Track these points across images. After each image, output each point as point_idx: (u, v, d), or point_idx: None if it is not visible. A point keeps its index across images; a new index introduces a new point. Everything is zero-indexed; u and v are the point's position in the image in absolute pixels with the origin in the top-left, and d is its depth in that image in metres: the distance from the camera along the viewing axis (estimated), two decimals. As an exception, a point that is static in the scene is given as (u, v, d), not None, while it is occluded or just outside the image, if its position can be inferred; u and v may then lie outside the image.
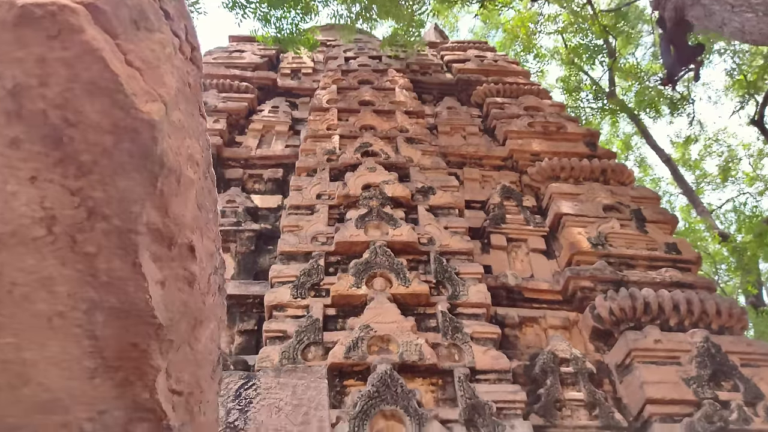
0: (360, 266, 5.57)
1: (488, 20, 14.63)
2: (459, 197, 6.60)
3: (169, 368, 1.54)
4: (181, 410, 1.65)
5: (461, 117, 8.36)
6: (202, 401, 1.74)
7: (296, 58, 9.59)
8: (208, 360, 1.68)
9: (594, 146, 7.82)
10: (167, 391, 1.57)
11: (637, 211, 6.84)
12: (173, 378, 1.57)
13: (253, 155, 7.53)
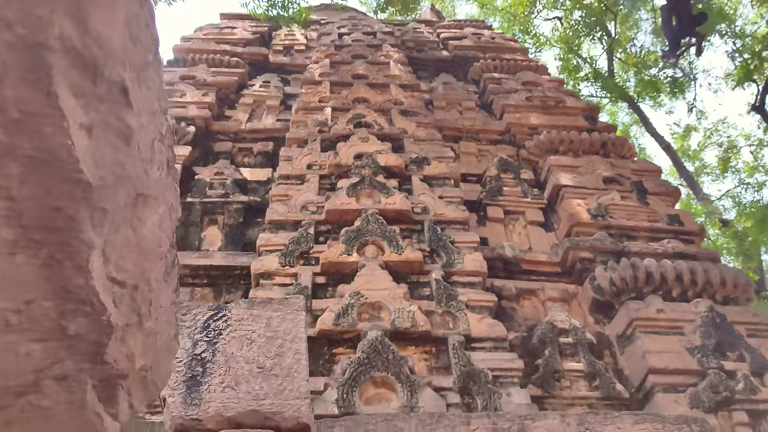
0: (351, 234, 5.36)
1: (486, 5, 14.42)
2: (454, 168, 6.40)
3: (107, 250, 1.32)
4: (125, 307, 1.44)
5: (457, 92, 8.15)
6: (152, 303, 1.53)
7: (289, 35, 9.38)
8: (157, 253, 1.47)
9: (594, 120, 7.62)
10: (106, 279, 1.36)
11: (638, 183, 6.64)
12: (113, 263, 1.35)
13: (243, 128, 7.32)
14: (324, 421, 3.37)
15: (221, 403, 2.02)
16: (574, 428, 3.28)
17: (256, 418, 2.01)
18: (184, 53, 8.47)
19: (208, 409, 2.00)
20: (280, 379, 2.08)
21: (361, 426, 3.30)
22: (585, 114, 7.63)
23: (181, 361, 2.10)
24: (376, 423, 3.32)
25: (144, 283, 1.45)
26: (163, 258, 1.51)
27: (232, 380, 2.07)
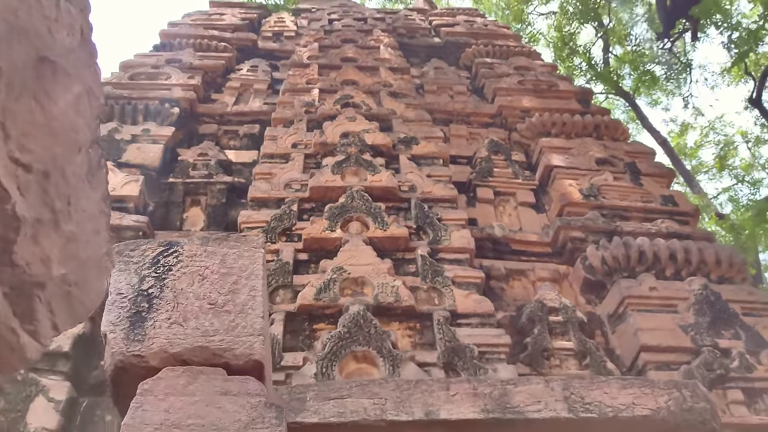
0: (335, 210, 5.21)
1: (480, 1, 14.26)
2: (444, 148, 6.25)
3: (6, 122, 1.16)
4: (34, 197, 1.28)
5: (449, 77, 8.02)
6: (71, 203, 1.37)
7: (278, 22, 9.25)
8: (72, 139, 1.32)
9: (587, 103, 7.49)
10: (7, 159, 1.20)
11: (632, 165, 6.49)
12: (14, 141, 1.19)
13: (229, 111, 7.17)
14: (295, 387, 3.21)
15: (167, 339, 1.86)
16: (558, 393, 3.12)
17: (204, 355, 1.85)
18: (171, 38, 8.34)
19: (152, 345, 1.85)
20: (233, 315, 1.93)
21: (334, 391, 3.14)
22: (578, 97, 7.49)
23: (126, 296, 1.95)
24: (350, 388, 3.16)
25: (57, 173, 1.30)
26: (83, 150, 1.36)
27: (180, 316, 1.91)
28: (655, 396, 3.12)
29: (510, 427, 3.05)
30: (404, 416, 3.01)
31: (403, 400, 3.07)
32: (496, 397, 3.10)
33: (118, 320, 1.89)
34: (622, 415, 3.04)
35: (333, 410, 3.03)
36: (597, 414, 3.04)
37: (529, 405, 3.07)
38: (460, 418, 3.02)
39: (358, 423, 3.01)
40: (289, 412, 3.02)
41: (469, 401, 3.08)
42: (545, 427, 3.06)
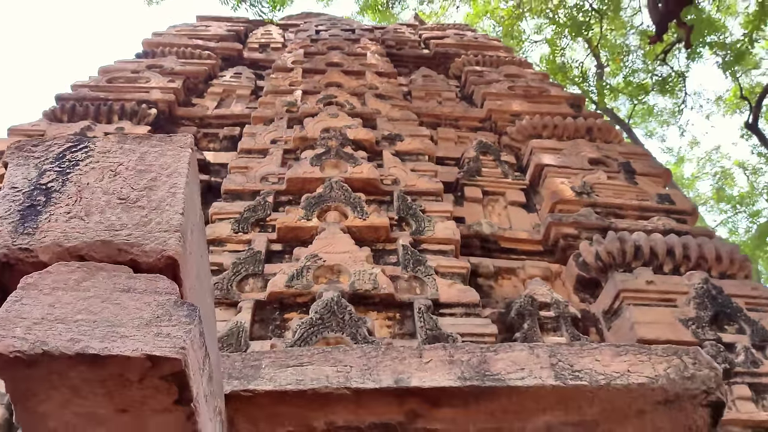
0: (312, 200, 4.92)
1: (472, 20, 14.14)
2: (429, 145, 6.00)
3: None
4: None
5: (437, 84, 7.82)
6: None
7: (265, 35, 9.11)
8: None
9: (579, 108, 7.26)
10: None
11: (626, 164, 6.23)
12: None
13: (209, 114, 6.94)
14: (250, 353, 2.88)
15: (62, 232, 1.56)
16: (544, 360, 2.79)
17: (106, 251, 1.55)
18: (154, 47, 8.17)
19: (44, 238, 1.55)
20: (146, 210, 1.62)
21: (293, 358, 2.80)
22: (570, 102, 7.28)
23: (20, 190, 1.65)
24: (312, 355, 2.83)
25: None
26: None
27: (83, 210, 1.61)
28: (652, 363, 2.79)
29: (490, 396, 2.71)
30: (371, 383, 2.68)
31: (371, 368, 2.74)
32: (474, 364, 2.77)
33: (7, 213, 1.59)
34: (615, 383, 2.71)
35: (291, 377, 2.70)
36: (587, 382, 2.70)
37: (512, 372, 2.74)
38: (434, 386, 2.68)
39: (318, 390, 2.67)
40: (240, 379, 2.69)
41: (444, 369, 2.75)
42: (529, 396, 2.72)
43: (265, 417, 2.73)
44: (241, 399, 2.65)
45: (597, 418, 2.80)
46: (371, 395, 2.67)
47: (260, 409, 2.70)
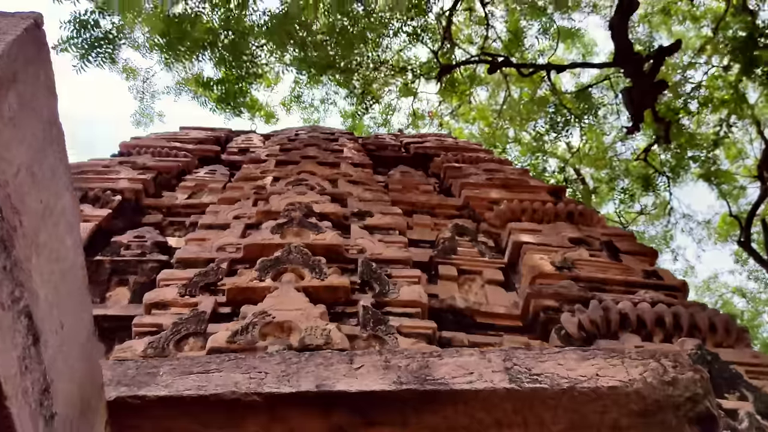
0: (267, 263, 4.57)
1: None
2: (401, 221, 5.72)
3: None
4: None
5: (415, 179, 7.66)
6: None
7: (246, 141, 9.09)
8: None
9: (559, 197, 7.04)
10: None
11: (609, 243, 5.90)
12: None
13: (177, 203, 6.72)
14: (148, 360, 2.45)
15: None
16: (497, 364, 2.36)
17: None
18: (131, 148, 8.11)
19: None
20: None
21: (199, 365, 2.37)
22: (549, 191, 7.07)
23: None
24: (221, 362, 2.40)
25: None
26: None
27: None
28: (626, 367, 2.35)
29: (432, 405, 2.26)
30: (287, 388, 2.23)
31: (290, 375, 2.31)
32: (414, 369, 2.33)
33: None
34: (581, 386, 2.26)
35: (191, 383, 2.26)
36: (548, 385, 2.26)
37: (458, 377, 2.30)
38: (363, 390, 2.23)
39: (222, 396, 2.22)
40: (131, 386, 2.25)
41: (378, 374, 2.31)
42: (479, 404, 2.26)
43: (160, 435, 2.25)
44: (128, 410, 2.20)
45: (564, 436, 2.31)
46: (288, 404, 2.22)
47: (153, 424, 2.22)
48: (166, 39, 7.39)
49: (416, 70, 10.61)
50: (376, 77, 10.06)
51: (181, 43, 7.40)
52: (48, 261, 1.60)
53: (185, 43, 7.42)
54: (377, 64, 9.70)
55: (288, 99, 12.15)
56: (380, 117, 12.94)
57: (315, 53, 8.00)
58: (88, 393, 1.92)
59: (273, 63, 10.45)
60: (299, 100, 12.10)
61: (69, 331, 1.74)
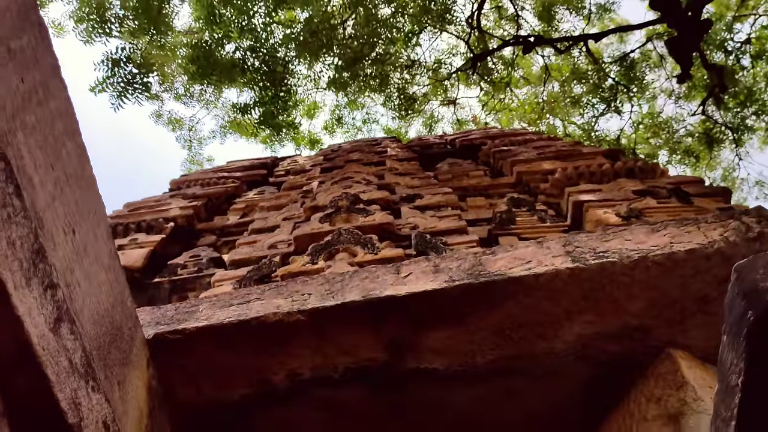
0: (318, 247, 4.44)
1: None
2: (452, 197, 5.52)
3: None
4: None
5: (464, 167, 7.46)
6: None
7: (292, 162, 9.08)
8: None
9: (616, 159, 6.73)
10: None
11: (677, 189, 5.56)
12: None
13: (230, 224, 6.68)
14: (187, 301, 2.33)
15: None
16: (557, 249, 2.14)
17: None
18: (180, 183, 8.19)
19: None
20: None
21: (239, 297, 2.23)
22: (605, 155, 6.76)
23: None
24: (263, 291, 2.25)
25: None
26: None
27: None
28: (702, 231, 2.10)
29: (488, 295, 2.05)
30: (331, 302, 2.07)
31: (334, 292, 2.14)
32: (466, 268, 2.14)
33: None
34: (654, 255, 2.02)
35: (231, 313, 2.12)
36: (616, 259, 2.03)
37: (515, 267, 2.09)
38: (412, 292, 2.05)
39: (265, 320, 2.07)
40: (169, 324, 2.12)
41: (427, 278, 2.13)
42: (543, 293, 2.05)
43: (206, 373, 2.11)
44: (170, 347, 2.07)
45: (644, 319, 2.07)
46: (334, 320, 2.05)
47: (197, 360, 2.09)
48: (197, 66, 7.51)
49: (449, 65, 10.53)
50: (410, 81, 9.99)
51: (212, 69, 7.50)
52: (43, 151, 1.49)
53: (216, 71, 7.53)
54: (408, 63, 9.64)
55: (330, 121, 12.23)
56: (424, 129, 12.84)
57: (341, 51, 8.01)
58: (119, 316, 1.80)
59: (309, 88, 10.57)
60: (341, 122, 12.16)
61: (83, 239, 1.63)
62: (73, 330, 1.31)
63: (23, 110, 1.42)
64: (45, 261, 1.26)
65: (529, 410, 2.24)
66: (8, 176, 1.18)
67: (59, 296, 1.38)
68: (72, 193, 1.61)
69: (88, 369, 1.35)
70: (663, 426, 1.98)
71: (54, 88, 1.59)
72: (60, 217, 1.52)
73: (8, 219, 1.14)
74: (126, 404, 1.73)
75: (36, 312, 1.18)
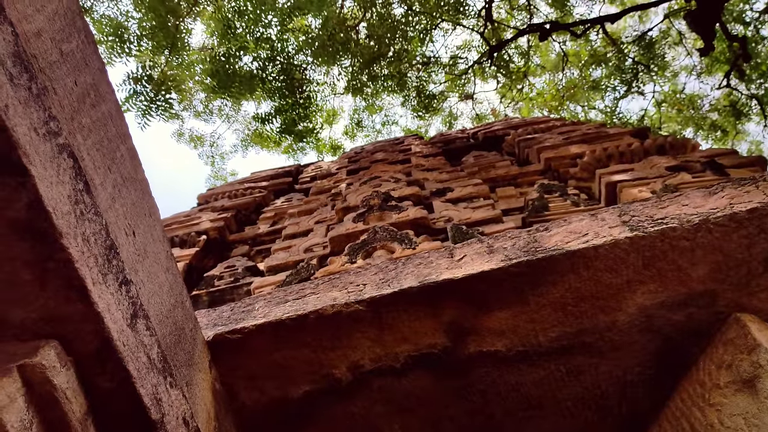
0: (355, 246, 4.43)
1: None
2: (484, 188, 5.49)
3: None
4: None
5: (489, 158, 7.41)
6: None
7: (316, 168, 9.10)
8: None
9: (645, 137, 6.65)
10: None
11: (711, 162, 5.47)
12: None
13: (261, 232, 6.70)
14: (242, 301, 2.32)
15: None
16: (612, 219, 2.10)
17: None
18: (208, 197, 8.23)
19: None
20: None
21: (294, 293, 2.22)
22: (633, 134, 6.69)
23: None
24: (316, 286, 2.24)
25: None
26: None
27: None
28: (762, 190, 2.05)
29: (547, 271, 2.02)
30: (388, 290, 2.05)
31: (389, 280, 2.12)
32: (521, 246, 2.11)
33: None
34: (716, 217, 1.98)
35: (288, 308, 2.10)
36: (677, 224, 1.98)
37: (571, 241, 2.05)
38: (469, 274, 2.02)
39: (322, 312, 2.06)
40: (227, 325, 2.11)
41: (482, 260, 2.10)
42: (600, 261, 2.01)
43: (267, 371, 2.10)
44: (230, 347, 2.06)
45: (709, 284, 2.02)
46: (393, 308, 2.03)
47: (258, 359, 2.08)
48: (216, 80, 7.56)
49: (465, 59, 10.47)
50: (427, 79, 9.98)
51: (232, 82, 7.54)
52: (100, 153, 1.49)
53: (235, 83, 7.57)
54: (425, 60, 9.63)
55: (350, 126, 12.23)
56: (443, 128, 12.80)
57: (358, 52, 8.01)
58: (180, 317, 1.79)
59: (326, 95, 10.59)
60: (360, 125, 12.17)
61: (143, 240, 1.62)
62: (148, 326, 1.30)
63: (79, 112, 1.42)
64: (117, 257, 1.25)
65: (594, 388, 2.20)
66: (77, 173, 1.17)
67: (133, 292, 1.38)
68: (129, 194, 1.61)
69: (165, 365, 1.34)
70: (737, 392, 1.93)
71: (104, 91, 1.59)
72: (121, 218, 1.51)
73: (81, 215, 1.14)
74: (195, 405, 1.72)
75: (114, 308, 1.17)
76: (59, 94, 1.30)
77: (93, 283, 1.14)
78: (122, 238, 1.49)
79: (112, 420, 1.20)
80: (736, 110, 10.67)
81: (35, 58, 1.26)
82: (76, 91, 1.42)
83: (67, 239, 1.07)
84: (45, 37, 1.33)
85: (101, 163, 1.47)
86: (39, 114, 1.07)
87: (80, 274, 1.10)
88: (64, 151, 1.13)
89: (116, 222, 1.48)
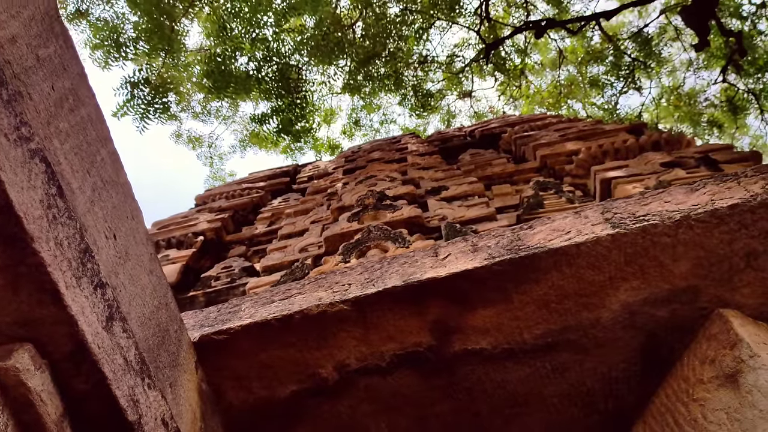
0: (349, 246, 4.44)
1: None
2: (479, 186, 5.49)
3: None
4: None
5: (486, 156, 7.42)
6: None
7: (313, 168, 9.11)
8: None
9: (640, 133, 6.66)
10: None
11: (705, 158, 5.48)
12: None
13: (258, 233, 6.72)
14: (229, 302, 2.33)
15: None
16: (595, 217, 2.12)
17: None
18: (205, 198, 8.25)
19: None
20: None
21: (280, 293, 2.23)
22: (629, 130, 6.70)
23: None
24: (302, 286, 2.25)
25: None
26: None
27: None
28: (743, 186, 2.06)
29: (530, 269, 2.03)
30: (372, 289, 2.06)
31: (374, 280, 2.14)
32: (504, 244, 2.12)
33: None
34: (697, 213, 1.99)
35: (274, 309, 2.12)
36: (658, 220, 2.00)
37: (554, 239, 2.07)
38: (453, 272, 2.04)
39: (308, 312, 2.07)
40: (213, 326, 2.13)
41: (466, 258, 2.11)
42: (582, 259, 2.02)
43: (254, 371, 2.11)
44: (216, 348, 2.07)
45: (692, 280, 2.04)
46: (378, 307, 2.04)
47: (244, 360, 2.09)
48: (212, 80, 7.58)
49: (462, 57, 10.50)
50: (424, 78, 10.01)
51: (228, 83, 7.57)
52: (79, 157, 1.50)
53: (232, 83, 7.59)
54: (421, 59, 9.65)
55: (348, 125, 12.26)
56: (441, 126, 12.82)
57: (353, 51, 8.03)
58: (164, 318, 1.80)
59: (323, 94, 10.60)
60: (358, 125, 12.19)
61: (124, 243, 1.63)
62: (125, 328, 1.32)
63: (56, 117, 1.43)
64: (92, 260, 1.27)
65: (580, 384, 2.21)
66: (50, 178, 1.18)
67: (109, 295, 1.39)
68: (109, 198, 1.62)
69: (143, 366, 1.36)
70: (720, 387, 1.94)
71: (83, 95, 1.60)
72: (100, 221, 1.52)
73: (54, 220, 1.15)
74: (179, 406, 1.73)
75: (89, 311, 1.18)
76: (34, 99, 1.31)
77: (66, 286, 1.15)
78: (101, 241, 1.50)
79: (89, 422, 1.22)
80: (732, 105, 10.66)
81: (9, 64, 1.27)
82: (53, 96, 1.44)
83: (38, 243, 1.08)
84: (20, 42, 1.35)
85: (79, 166, 1.48)
86: (9, 120, 1.09)
87: (53, 278, 1.11)
88: (36, 156, 1.14)
89: (95, 225, 1.49)
